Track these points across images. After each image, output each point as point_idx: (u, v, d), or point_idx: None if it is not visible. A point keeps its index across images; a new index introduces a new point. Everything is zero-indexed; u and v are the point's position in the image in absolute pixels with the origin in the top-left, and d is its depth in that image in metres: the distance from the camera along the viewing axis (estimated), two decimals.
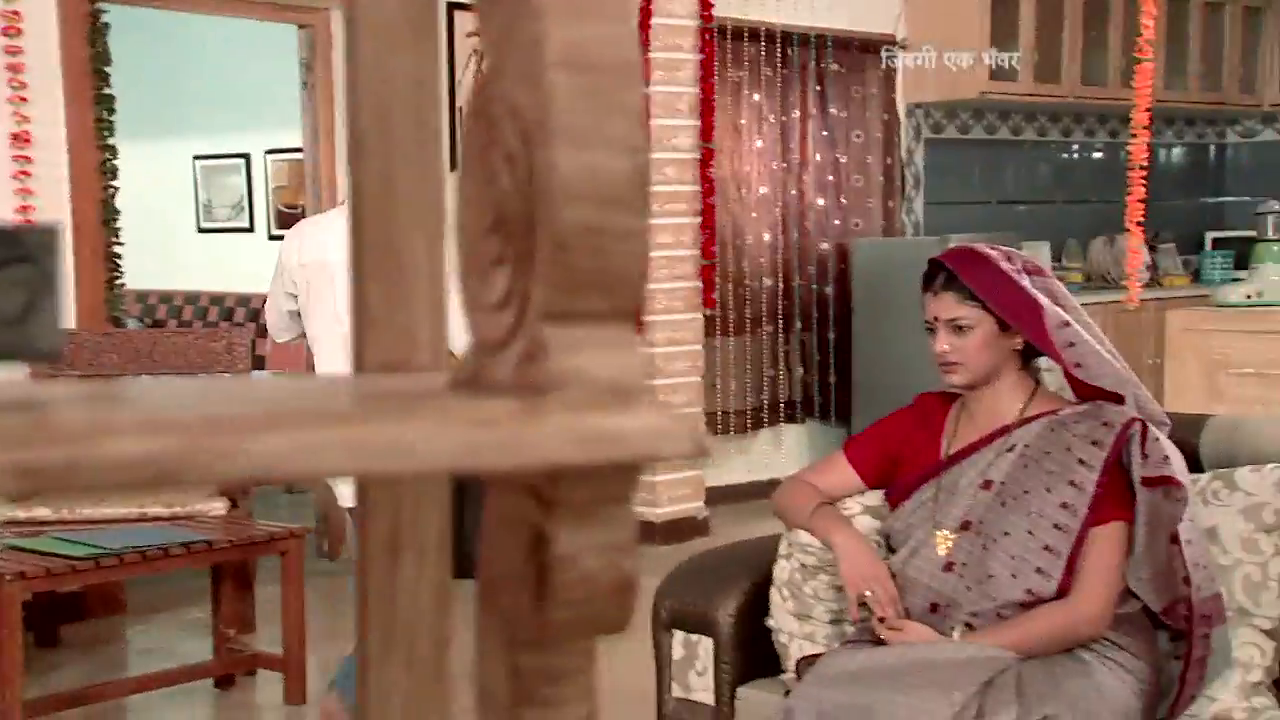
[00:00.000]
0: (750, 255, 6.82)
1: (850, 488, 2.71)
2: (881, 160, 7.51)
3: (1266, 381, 5.56)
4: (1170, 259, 8.94)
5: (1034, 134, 8.52)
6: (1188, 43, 8.44)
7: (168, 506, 4.32)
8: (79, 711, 4.01)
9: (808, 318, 7.08)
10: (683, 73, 6.23)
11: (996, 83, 7.60)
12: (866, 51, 7.40)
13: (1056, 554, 2.42)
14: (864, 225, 7.39)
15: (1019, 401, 2.57)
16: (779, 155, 6.98)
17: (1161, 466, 2.37)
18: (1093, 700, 2.34)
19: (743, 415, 6.84)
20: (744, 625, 2.74)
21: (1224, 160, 9.58)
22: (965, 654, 2.40)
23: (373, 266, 0.63)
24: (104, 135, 5.10)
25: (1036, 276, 2.58)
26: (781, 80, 6.95)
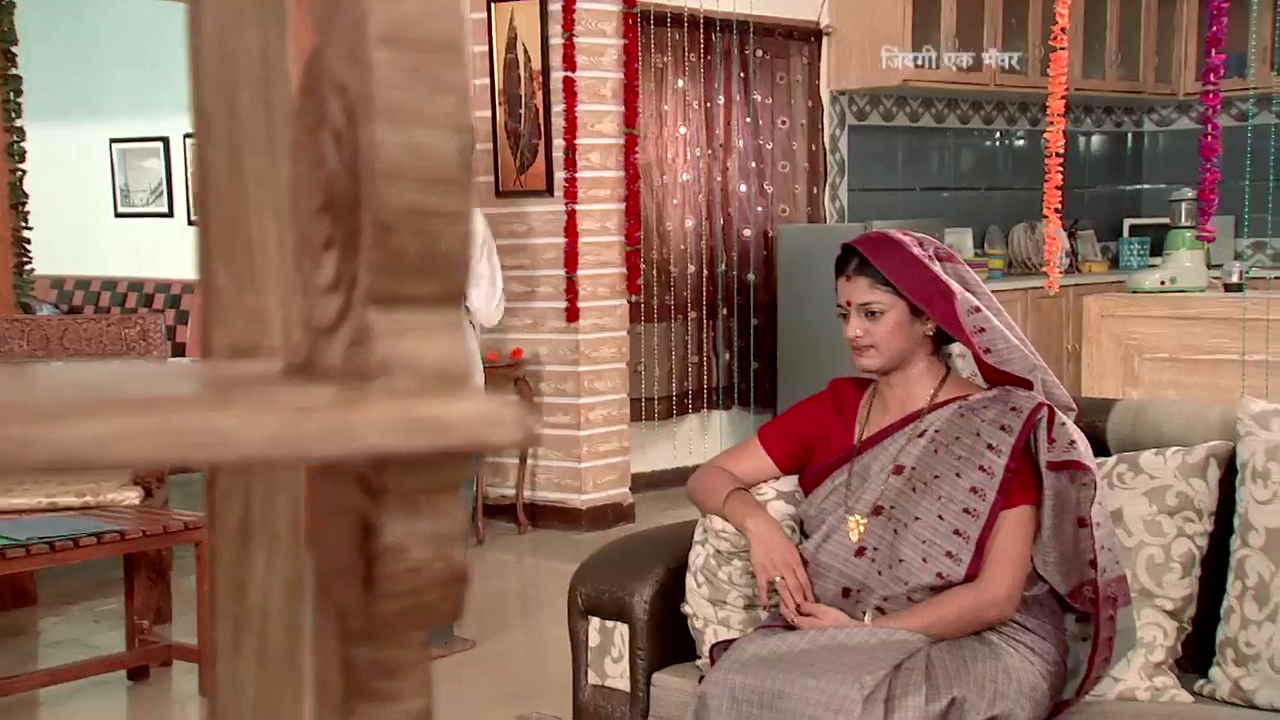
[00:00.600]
0: (675, 241, 6.82)
1: (765, 473, 2.71)
2: (806, 147, 7.54)
3: (1180, 366, 5.64)
4: (1089, 246, 9.05)
5: (957, 121, 8.58)
6: (1105, 33, 8.55)
7: (79, 496, 4.24)
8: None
9: (732, 304, 7.09)
10: (606, 58, 6.21)
11: (919, 71, 7.65)
12: (791, 38, 7.42)
13: (966, 538, 2.44)
14: (789, 211, 7.41)
15: (930, 387, 2.58)
16: (704, 141, 6.98)
17: (1068, 451, 2.40)
18: (1000, 682, 2.36)
19: (668, 401, 6.84)
20: (659, 611, 2.74)
21: (1141, 148, 9.71)
22: (876, 638, 2.41)
23: (220, 249, 0.61)
24: (11, 117, 5.00)
25: (948, 263, 2.59)
26: (706, 66, 6.94)
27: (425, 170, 0.48)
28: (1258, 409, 2.43)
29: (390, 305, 0.48)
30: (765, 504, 2.67)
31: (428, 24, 0.47)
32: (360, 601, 0.48)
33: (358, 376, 0.48)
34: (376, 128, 0.47)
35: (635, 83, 6.28)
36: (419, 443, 0.47)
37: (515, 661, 4.45)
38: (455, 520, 0.49)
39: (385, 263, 0.48)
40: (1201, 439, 2.55)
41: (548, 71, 6.16)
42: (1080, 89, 8.54)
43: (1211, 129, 4.80)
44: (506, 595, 5.50)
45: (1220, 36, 4.74)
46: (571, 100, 6.09)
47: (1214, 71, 4.76)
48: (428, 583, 0.49)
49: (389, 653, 0.50)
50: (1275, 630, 2.32)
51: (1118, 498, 2.52)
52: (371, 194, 0.47)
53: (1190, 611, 2.48)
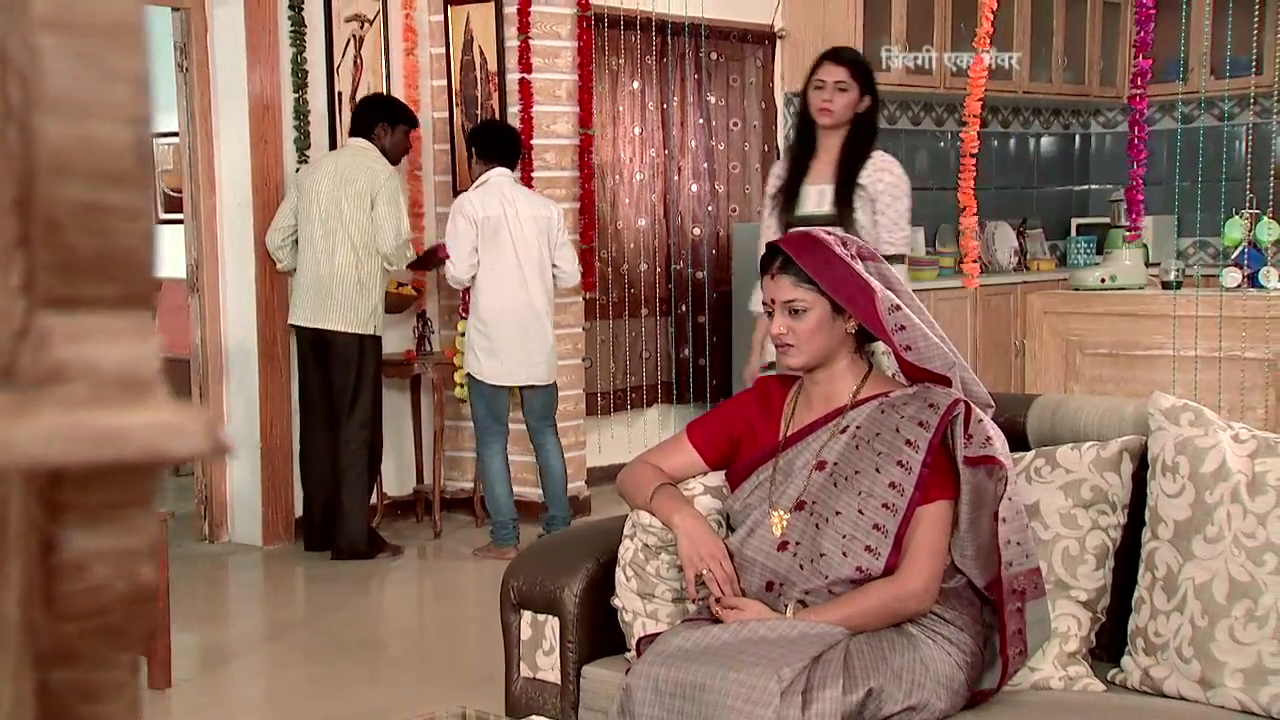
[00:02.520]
0: (628, 240, 6.79)
1: (693, 468, 2.69)
2: (759, 148, 7.51)
3: (1118, 361, 5.64)
4: (1038, 244, 9.06)
5: (908, 123, 8.56)
6: (1052, 38, 8.55)
7: None
8: None
9: (685, 301, 7.06)
10: (561, 60, 6.17)
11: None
12: (745, 41, 7.39)
13: (885, 532, 2.42)
14: (741, 211, 7.38)
15: (853, 384, 2.56)
16: (658, 142, 6.94)
17: (984, 447, 2.37)
18: (918, 672, 2.34)
19: (622, 395, 6.81)
20: (590, 605, 2.71)
21: (1089, 150, 9.72)
22: (796, 631, 2.39)
23: None
24: None
25: (870, 262, 2.57)
26: (660, 68, 6.91)
27: (97, 164, 0.44)
28: (1167, 404, 2.41)
29: (69, 308, 0.44)
30: (693, 499, 2.64)
31: (97, 6, 0.43)
32: (46, 622, 0.45)
33: (32, 383, 0.44)
34: (42, 118, 0.43)
35: (590, 84, 6.24)
36: (90, 454, 0.43)
37: (464, 652, 4.41)
38: (143, 536, 0.45)
39: (58, 263, 0.44)
40: (1116, 434, 2.53)
41: (503, 73, 6.11)
42: (1028, 91, 8.55)
43: (1139, 131, 4.78)
44: (461, 588, 5.46)
45: (1147, 41, 4.74)
46: (527, 101, 6.04)
47: (1141, 76, 4.76)
48: (111, 602, 0.45)
49: (90, 675, 0.46)
50: (1182, 620, 2.30)
51: (1035, 491, 2.50)
52: (39, 190, 0.43)
53: (1104, 602, 2.46)
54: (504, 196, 5.31)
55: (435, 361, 6.03)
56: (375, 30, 6.09)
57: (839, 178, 4.06)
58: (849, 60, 4.17)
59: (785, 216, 4.07)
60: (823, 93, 4.08)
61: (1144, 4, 5.08)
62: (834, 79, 4.07)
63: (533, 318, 5.34)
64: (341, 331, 5.43)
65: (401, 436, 6.23)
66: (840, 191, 4.05)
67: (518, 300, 5.31)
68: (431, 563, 5.75)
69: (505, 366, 5.33)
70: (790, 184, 4.13)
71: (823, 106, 4.06)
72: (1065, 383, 5.87)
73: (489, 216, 5.26)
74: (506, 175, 5.40)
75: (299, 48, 5.78)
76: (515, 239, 5.29)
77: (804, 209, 4.05)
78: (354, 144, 5.54)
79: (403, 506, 6.27)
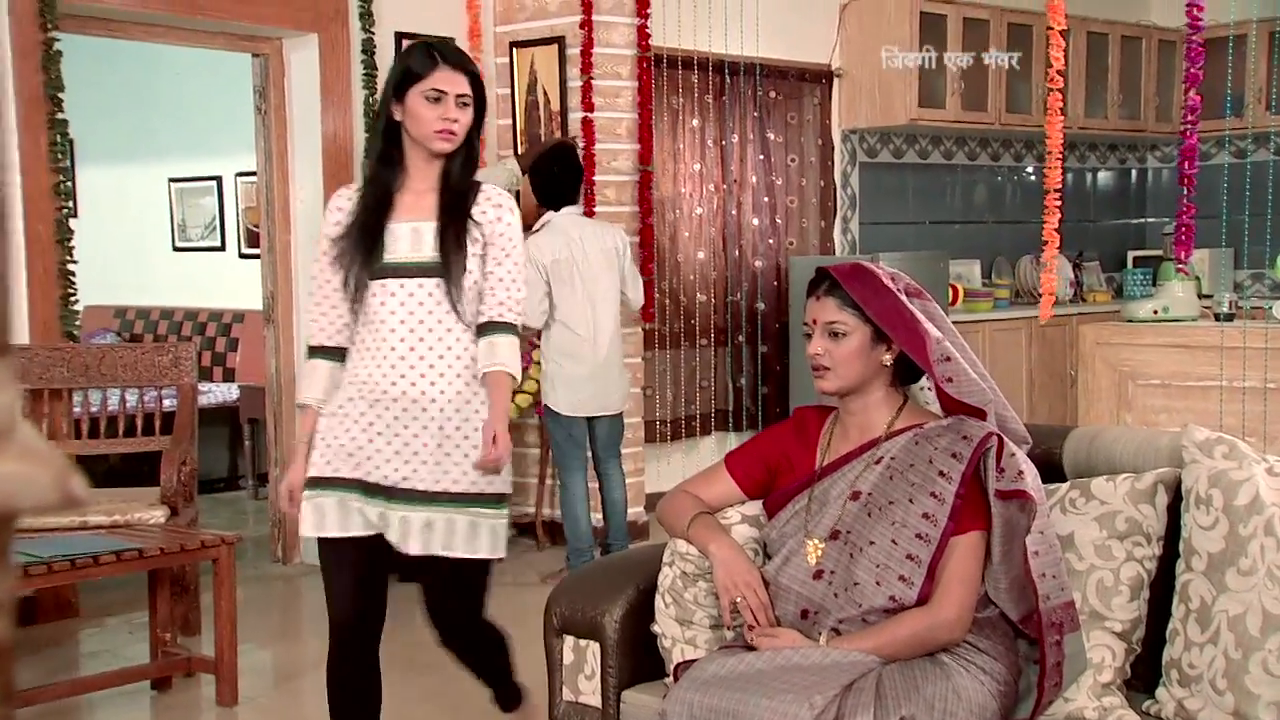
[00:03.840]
0: (686, 272, 6.77)
1: (730, 498, 2.66)
2: (816, 183, 7.48)
3: (1171, 392, 5.52)
4: (1094, 276, 8.93)
5: (964, 158, 8.49)
6: (1107, 75, 8.45)
7: (108, 515, 4.24)
8: (22, 713, 3.92)
9: (742, 331, 7.03)
10: (621, 99, 6.18)
11: (926, 110, 7.58)
12: (803, 80, 7.36)
13: (918, 562, 2.37)
14: (799, 244, 7.35)
15: (888, 415, 2.52)
16: (717, 178, 6.93)
17: (1016, 481, 2.32)
18: (950, 701, 2.29)
19: (679, 423, 6.78)
20: (630, 631, 2.68)
21: (1145, 184, 9.58)
22: (829, 659, 2.35)
23: None
24: (58, 159, 5.01)
25: (916, 298, 2.52)
26: (720, 107, 6.90)
27: None
28: (1201, 437, 2.35)
29: None
30: (730, 527, 2.61)
31: None
32: None
33: None
34: None
35: (649, 122, 6.24)
36: None
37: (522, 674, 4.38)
38: None
39: None
40: (1152, 466, 2.46)
41: (566, 112, 6.13)
42: (1083, 128, 8.44)
43: (1188, 165, 4.69)
44: (522, 611, 5.44)
45: (1198, 77, 4.66)
46: (589, 139, 6.06)
47: (1191, 111, 4.67)
48: None
49: None
50: (1216, 653, 2.23)
51: (1070, 522, 2.44)
52: None
53: (1139, 633, 2.39)
54: (569, 236, 5.21)
55: None
56: None
57: (444, 213, 2.88)
58: (473, 71, 2.92)
59: (364, 266, 2.85)
60: (441, 107, 2.83)
61: (1194, 42, 5.00)
62: (457, 91, 2.84)
63: (604, 350, 5.27)
64: None
65: None
66: (446, 232, 2.87)
67: (589, 335, 5.24)
68: (495, 586, 5.74)
69: (579, 398, 5.29)
70: (372, 222, 2.87)
71: (444, 128, 2.83)
72: (1118, 413, 5.76)
73: (556, 260, 5.17)
74: (570, 213, 5.31)
75: (370, 90, 5.84)
76: (584, 276, 5.21)
77: (394, 254, 2.86)
78: None
79: None
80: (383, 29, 5.90)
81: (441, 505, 2.86)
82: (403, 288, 2.85)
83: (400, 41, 5.98)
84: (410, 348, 2.85)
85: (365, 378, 2.87)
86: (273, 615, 5.25)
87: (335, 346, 2.93)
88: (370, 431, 2.86)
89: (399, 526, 2.86)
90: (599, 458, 5.43)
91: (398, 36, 5.96)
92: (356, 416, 2.87)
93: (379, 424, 2.86)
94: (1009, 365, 7.64)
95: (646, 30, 6.18)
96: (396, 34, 5.96)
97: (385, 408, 2.86)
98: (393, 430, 2.85)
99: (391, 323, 2.85)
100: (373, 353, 2.87)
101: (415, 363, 2.85)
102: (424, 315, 2.85)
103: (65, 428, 4.89)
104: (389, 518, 2.86)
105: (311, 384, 2.92)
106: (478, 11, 6.22)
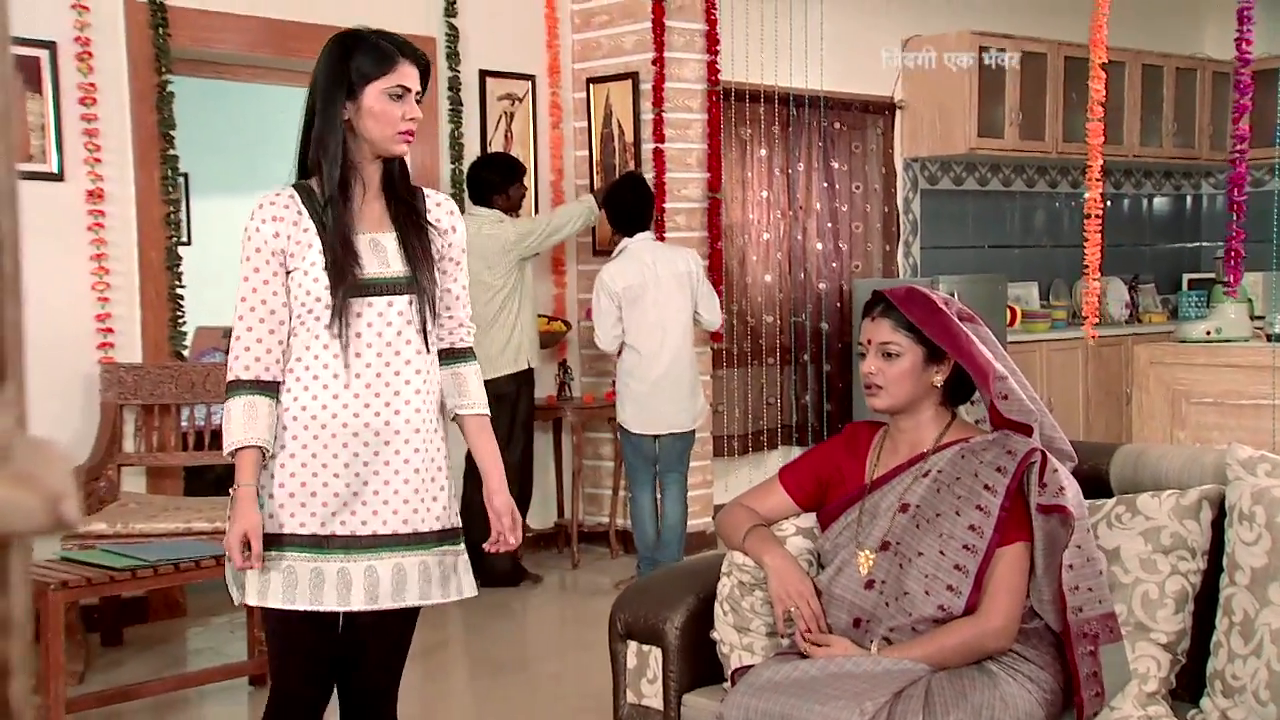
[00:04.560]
0: (754, 294, 6.74)
1: (785, 511, 2.63)
2: (880, 209, 7.42)
3: (1223, 410, 5.38)
4: (1150, 298, 8.75)
5: (1023, 185, 8.38)
6: (1162, 105, 8.31)
7: (210, 522, 4.29)
8: (127, 706, 3.98)
9: (807, 351, 6.98)
10: (692, 130, 6.17)
11: (985, 140, 7.49)
12: (867, 112, 7.31)
13: (965, 572, 2.32)
14: (863, 267, 7.29)
15: (936, 431, 2.48)
16: (783, 204, 6.89)
17: (1057, 496, 2.27)
18: (997, 709, 2.24)
19: (746, 439, 6.74)
20: (690, 637, 2.66)
21: (1200, 209, 9.39)
22: (880, 667, 2.31)
23: None
24: (169, 191, 5.11)
25: (969, 323, 2.48)
26: (786, 137, 6.87)
27: None
28: (1244, 455, 2.28)
29: None
30: (786, 539, 2.58)
31: None
32: None
33: None
34: None
35: (718, 152, 6.23)
36: None
37: (589, 676, 4.38)
38: None
39: None
40: (1197, 482, 2.40)
41: (639, 143, 6.14)
42: (1138, 155, 8.29)
43: (1237, 192, 4.58)
44: (593, 616, 5.43)
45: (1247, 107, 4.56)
46: (661, 169, 6.06)
47: (1240, 140, 4.56)
48: None
49: None
50: (1259, 665, 2.15)
51: (1116, 537, 2.38)
52: None
53: (1184, 645, 2.32)
54: (642, 262, 5.19)
55: (575, 406, 6.04)
56: (525, 107, 6.19)
57: (403, 223, 2.45)
58: (426, 63, 2.46)
59: (352, 285, 2.37)
60: (404, 105, 2.40)
61: (1243, 74, 4.91)
62: (415, 87, 2.42)
63: (674, 372, 5.22)
64: (497, 377, 5.46)
65: (544, 474, 6.25)
66: (411, 244, 2.44)
67: (660, 358, 5.20)
68: (569, 591, 5.74)
69: (649, 417, 5.27)
70: (349, 235, 2.39)
71: (408, 128, 2.40)
72: (1171, 430, 5.62)
73: (629, 286, 5.14)
74: (643, 239, 5.27)
75: (456, 124, 5.90)
76: (656, 301, 5.16)
77: (365, 269, 2.39)
78: (477, 212, 5.49)
79: (545, 539, 6.29)
80: (468, 67, 5.95)
81: (412, 548, 2.38)
82: (371, 307, 2.37)
83: (485, 80, 6.02)
84: (377, 374, 2.37)
85: (319, 411, 2.34)
86: None
87: (272, 381, 2.35)
88: (325, 474, 2.35)
89: (362, 580, 2.35)
90: (661, 473, 5.38)
91: (481, 74, 6.01)
92: (318, 458, 2.34)
93: (334, 465, 2.34)
94: (1065, 383, 7.51)
95: (716, 66, 6.18)
96: (480, 71, 6.01)
97: (344, 444, 2.35)
98: (352, 470, 2.35)
99: (357, 346, 2.36)
100: (332, 382, 2.35)
101: (381, 390, 2.37)
102: (392, 337, 2.38)
103: (174, 440, 4.97)
104: (349, 573, 2.34)
105: (253, 424, 2.32)
106: (557, 50, 6.26)
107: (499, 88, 6.08)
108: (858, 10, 7.13)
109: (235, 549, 2.30)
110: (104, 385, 4.85)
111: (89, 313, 4.90)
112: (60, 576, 3.53)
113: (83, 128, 4.88)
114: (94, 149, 4.90)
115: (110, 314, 4.93)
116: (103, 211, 4.93)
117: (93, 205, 4.91)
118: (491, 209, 5.49)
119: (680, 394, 5.26)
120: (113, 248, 4.95)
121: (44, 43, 4.79)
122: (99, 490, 4.70)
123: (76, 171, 4.88)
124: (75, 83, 4.86)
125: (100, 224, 4.92)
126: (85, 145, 4.89)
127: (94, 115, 4.90)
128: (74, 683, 4.12)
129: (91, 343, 4.90)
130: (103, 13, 4.92)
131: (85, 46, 4.87)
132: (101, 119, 4.92)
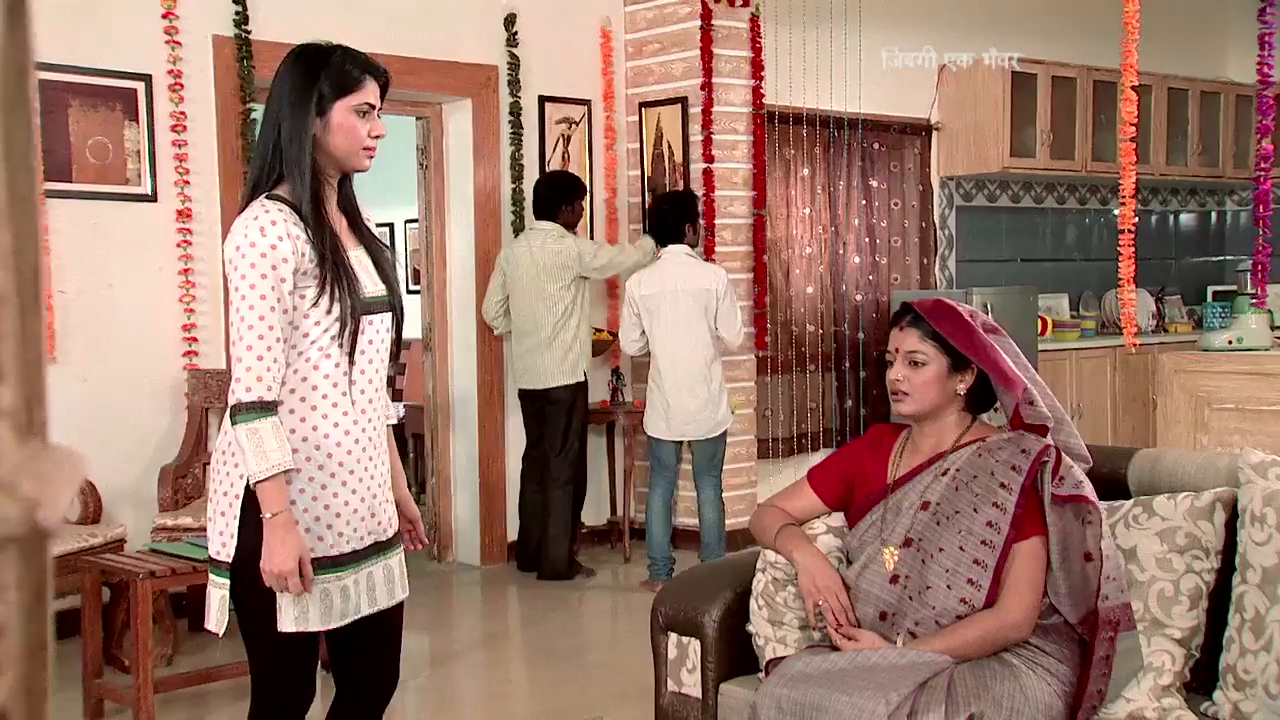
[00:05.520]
0: (797, 305, 6.71)
1: (813, 510, 2.61)
2: (917, 225, 7.35)
3: (1244, 416, 5.28)
4: (1176, 309, 8.61)
5: (1054, 202, 8.27)
6: (1188, 126, 8.18)
7: None
8: (211, 687, 4.03)
9: (846, 358, 6.93)
10: (738, 151, 6.16)
11: (1018, 159, 7.40)
12: (904, 133, 7.26)
13: (984, 567, 2.30)
14: (901, 280, 7.23)
15: (956, 434, 2.45)
16: (825, 221, 6.86)
17: (1076, 488, 2.23)
18: (1017, 699, 2.21)
19: (790, 441, 6.70)
20: (727, 629, 2.64)
21: (1224, 225, 9.23)
22: (905, 659, 2.28)
23: None
24: None
25: (993, 334, 2.45)
26: (827, 157, 6.84)
27: None
28: (1256, 459, 2.23)
29: None
30: (816, 537, 2.56)
31: None
32: None
33: None
34: None
35: (763, 172, 6.21)
36: None
37: (635, 665, 4.37)
38: None
39: None
40: (1211, 485, 2.35)
41: (688, 163, 6.14)
42: (1163, 174, 8.16)
43: (1262, 209, 4.49)
44: (642, 608, 5.43)
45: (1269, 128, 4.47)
46: (709, 187, 6.05)
47: (1264, 159, 4.48)
48: None
49: None
50: (1269, 659, 2.11)
51: (1133, 537, 2.34)
52: None
53: (1197, 640, 2.27)
54: (667, 273, 5.15)
55: (627, 410, 6.05)
56: (581, 130, 6.20)
57: (369, 240, 2.35)
58: (386, 84, 2.33)
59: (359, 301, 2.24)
60: (369, 122, 2.27)
61: (1265, 96, 4.83)
62: (379, 104, 2.30)
63: (687, 381, 5.15)
64: (556, 386, 5.48)
65: (598, 474, 6.26)
66: (383, 261, 2.35)
67: (674, 367, 5.15)
68: (620, 585, 5.74)
69: (666, 424, 5.26)
70: (343, 251, 2.25)
71: (373, 145, 2.27)
72: (1194, 435, 5.52)
73: (647, 294, 5.12)
74: (678, 251, 5.23)
75: (516, 146, 5.93)
76: (671, 313, 5.11)
77: (362, 290, 2.26)
78: (541, 226, 5.53)
79: (598, 535, 6.29)
80: (528, 94, 5.98)
81: (396, 548, 2.39)
82: (370, 325, 2.27)
83: (544, 105, 6.05)
84: (374, 389, 2.32)
85: (332, 430, 2.24)
86: (429, 607, 5.32)
87: (277, 401, 2.18)
88: (345, 492, 2.27)
89: (362, 585, 2.29)
90: (695, 477, 5.34)
91: (540, 99, 6.04)
92: (336, 477, 2.26)
93: (351, 481, 2.28)
94: (1094, 390, 7.40)
95: (761, 90, 6.16)
96: (540, 96, 6.04)
97: (358, 460, 2.28)
98: (353, 485, 2.28)
99: (361, 363, 2.27)
100: (341, 400, 2.25)
101: (373, 397, 2.31)
102: (382, 351, 2.32)
103: None
104: (374, 577, 2.31)
105: (280, 446, 2.15)
106: (611, 77, 6.27)
107: (557, 112, 6.11)
108: (896, 36, 7.08)
109: (292, 578, 2.13)
110: (190, 389, 4.92)
111: (177, 323, 4.98)
112: (148, 567, 3.58)
113: (174, 153, 4.97)
114: (183, 172, 4.98)
115: (195, 324, 5.00)
116: (190, 230, 5.01)
117: (181, 224, 4.99)
118: (554, 223, 5.52)
119: (692, 403, 5.18)
120: (198, 263, 5.03)
121: (141, 75, 4.88)
122: (186, 486, 4.77)
123: (168, 193, 4.97)
124: (168, 111, 4.95)
125: (188, 240, 5.00)
126: (176, 169, 4.97)
127: (184, 141, 4.98)
128: (162, 664, 4.18)
129: (178, 350, 4.98)
130: (193, 46, 5.00)
131: (177, 79, 4.95)
132: (190, 144, 5.00)
